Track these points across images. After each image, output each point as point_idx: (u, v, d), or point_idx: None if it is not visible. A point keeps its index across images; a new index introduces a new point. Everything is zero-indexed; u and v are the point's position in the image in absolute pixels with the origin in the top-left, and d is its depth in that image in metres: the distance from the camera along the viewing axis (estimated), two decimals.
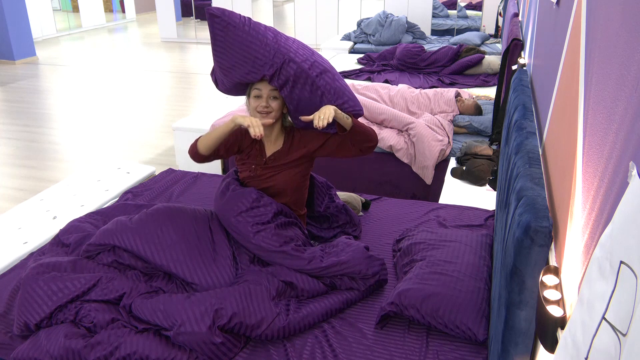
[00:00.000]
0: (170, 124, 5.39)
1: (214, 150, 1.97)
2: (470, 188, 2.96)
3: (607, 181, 0.75)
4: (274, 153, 2.03)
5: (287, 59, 1.86)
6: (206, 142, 1.93)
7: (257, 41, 1.85)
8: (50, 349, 1.62)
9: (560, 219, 1.10)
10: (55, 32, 10.64)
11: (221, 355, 1.62)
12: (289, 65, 1.86)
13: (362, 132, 1.92)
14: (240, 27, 1.84)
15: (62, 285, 1.77)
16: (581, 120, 1.01)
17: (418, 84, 4.92)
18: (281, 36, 1.92)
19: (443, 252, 1.97)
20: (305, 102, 1.94)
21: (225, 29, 1.84)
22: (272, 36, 1.89)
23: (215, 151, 1.99)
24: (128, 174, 3.11)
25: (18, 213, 2.64)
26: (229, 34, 1.85)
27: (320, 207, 2.25)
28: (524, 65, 2.70)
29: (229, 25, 1.84)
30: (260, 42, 1.85)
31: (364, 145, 1.95)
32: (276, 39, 1.89)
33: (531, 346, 1.16)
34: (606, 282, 0.61)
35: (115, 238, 1.93)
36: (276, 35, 1.91)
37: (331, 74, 1.95)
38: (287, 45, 1.89)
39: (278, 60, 1.86)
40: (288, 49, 1.88)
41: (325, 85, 1.92)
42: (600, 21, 0.97)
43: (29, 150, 4.75)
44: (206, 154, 1.96)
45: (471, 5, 8.55)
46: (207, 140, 1.93)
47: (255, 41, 1.85)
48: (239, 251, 1.96)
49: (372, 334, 1.73)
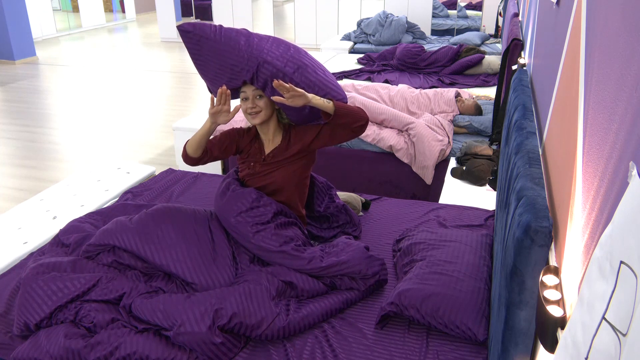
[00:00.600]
0: (170, 124, 5.39)
1: (203, 152, 2.00)
2: (470, 188, 2.96)
3: (607, 181, 0.75)
4: (273, 150, 2.04)
5: (261, 61, 1.87)
6: (191, 144, 1.97)
7: (230, 48, 1.88)
8: (50, 349, 1.62)
9: (560, 219, 1.10)
10: (55, 32, 10.64)
11: (221, 355, 1.62)
12: (264, 67, 1.87)
13: (348, 113, 1.90)
14: (212, 38, 1.89)
15: (62, 285, 1.77)
16: (581, 120, 1.01)
17: (418, 84, 4.92)
18: (253, 38, 1.93)
19: (443, 252, 1.97)
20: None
21: (199, 43, 1.90)
22: (245, 40, 1.90)
23: (205, 152, 2.01)
24: (128, 174, 3.11)
25: (18, 213, 2.64)
26: (204, 46, 1.90)
27: (320, 207, 2.25)
28: (524, 65, 2.70)
29: (201, 39, 1.89)
30: (232, 49, 1.88)
31: (354, 125, 1.92)
32: (248, 42, 1.90)
33: (531, 346, 1.16)
34: (606, 282, 0.61)
35: (115, 238, 1.93)
36: (248, 38, 1.92)
37: (310, 68, 1.94)
38: (260, 46, 1.90)
39: (252, 64, 1.88)
40: (261, 50, 1.89)
41: (305, 81, 1.92)
42: (600, 21, 0.97)
43: (29, 150, 4.76)
44: (195, 155, 1.99)
45: (471, 5, 8.55)
46: (192, 142, 1.97)
47: (228, 49, 1.88)
48: (239, 251, 1.96)
49: (372, 334, 1.73)
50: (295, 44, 9.57)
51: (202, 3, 10.65)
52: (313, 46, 9.20)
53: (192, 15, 10.83)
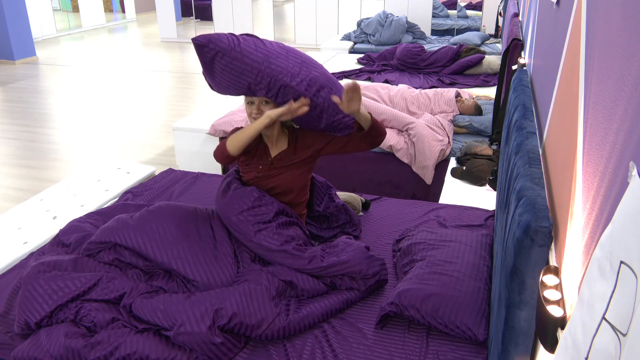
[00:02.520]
0: (170, 124, 5.39)
1: (243, 150, 1.94)
2: (470, 188, 2.96)
3: (607, 181, 0.75)
4: (280, 153, 2.04)
5: (282, 85, 1.84)
6: (238, 142, 1.89)
7: (249, 67, 1.82)
8: (51, 348, 1.62)
9: (560, 219, 1.10)
10: (55, 32, 10.64)
11: (221, 355, 1.62)
12: (285, 90, 1.85)
13: (379, 127, 1.93)
14: (229, 53, 1.80)
15: (62, 284, 1.78)
16: (581, 120, 1.01)
17: (418, 84, 4.92)
18: (272, 54, 1.85)
19: (443, 252, 1.97)
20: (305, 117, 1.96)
21: (214, 58, 1.82)
22: (264, 58, 1.83)
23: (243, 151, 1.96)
24: (128, 174, 3.11)
25: (18, 213, 2.64)
26: (219, 61, 1.82)
27: (320, 207, 2.25)
28: (524, 65, 2.70)
29: (218, 53, 1.80)
30: (252, 69, 1.82)
31: (377, 139, 1.96)
32: (268, 61, 1.83)
33: (531, 346, 1.16)
34: (606, 282, 0.61)
35: (116, 235, 1.93)
36: (267, 56, 1.84)
37: (328, 89, 1.92)
38: (280, 66, 1.84)
39: (274, 87, 1.85)
40: (281, 71, 1.84)
41: (324, 103, 1.91)
42: (600, 21, 0.97)
43: (29, 150, 4.75)
44: (236, 154, 1.93)
45: (471, 5, 8.55)
46: (238, 140, 1.89)
47: (247, 68, 1.82)
48: (240, 249, 1.96)
49: (372, 334, 1.73)
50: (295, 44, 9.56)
51: (202, 3, 10.65)
52: (313, 46, 9.20)
53: (192, 15, 10.83)
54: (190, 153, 3.96)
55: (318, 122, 1.99)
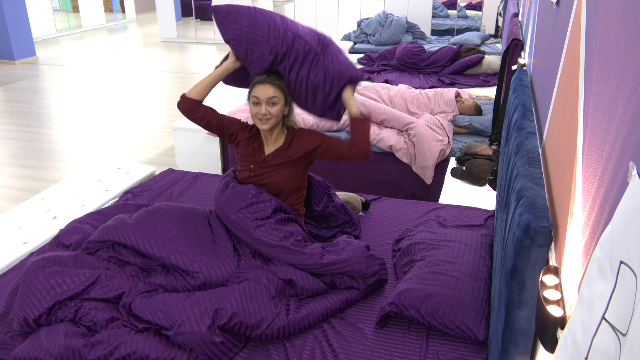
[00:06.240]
0: (170, 124, 5.39)
1: (202, 105, 2.04)
2: (470, 188, 2.96)
3: (607, 181, 0.75)
4: (273, 151, 2.05)
5: (295, 35, 1.96)
6: (197, 85, 2.03)
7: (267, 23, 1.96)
8: (51, 348, 1.62)
9: (560, 219, 1.10)
10: (55, 32, 10.64)
11: (221, 355, 1.62)
12: (298, 42, 1.95)
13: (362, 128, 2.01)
14: (248, 14, 1.95)
15: (61, 280, 1.77)
16: (581, 120, 1.01)
17: (418, 84, 4.92)
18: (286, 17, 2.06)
19: (443, 252, 1.97)
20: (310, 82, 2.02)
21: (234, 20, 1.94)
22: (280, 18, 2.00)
23: (203, 106, 2.04)
24: (128, 174, 3.11)
25: (18, 213, 2.64)
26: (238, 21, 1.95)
27: (319, 207, 2.25)
28: (524, 65, 2.70)
29: (237, 15, 1.94)
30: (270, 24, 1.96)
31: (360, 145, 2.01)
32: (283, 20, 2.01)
33: (531, 346, 1.16)
34: (606, 282, 0.61)
35: (115, 234, 1.94)
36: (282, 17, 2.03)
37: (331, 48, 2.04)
38: (294, 23, 2.03)
39: (288, 38, 1.95)
40: (295, 26, 2.00)
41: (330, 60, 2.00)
42: (600, 21, 0.97)
43: (29, 150, 4.75)
44: (196, 98, 2.02)
45: (471, 5, 8.55)
46: (199, 84, 2.03)
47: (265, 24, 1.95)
48: (241, 245, 1.97)
49: (372, 334, 1.73)
50: None
51: (202, 3, 10.65)
52: None
53: (192, 15, 10.83)
54: (190, 153, 3.96)
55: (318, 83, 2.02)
